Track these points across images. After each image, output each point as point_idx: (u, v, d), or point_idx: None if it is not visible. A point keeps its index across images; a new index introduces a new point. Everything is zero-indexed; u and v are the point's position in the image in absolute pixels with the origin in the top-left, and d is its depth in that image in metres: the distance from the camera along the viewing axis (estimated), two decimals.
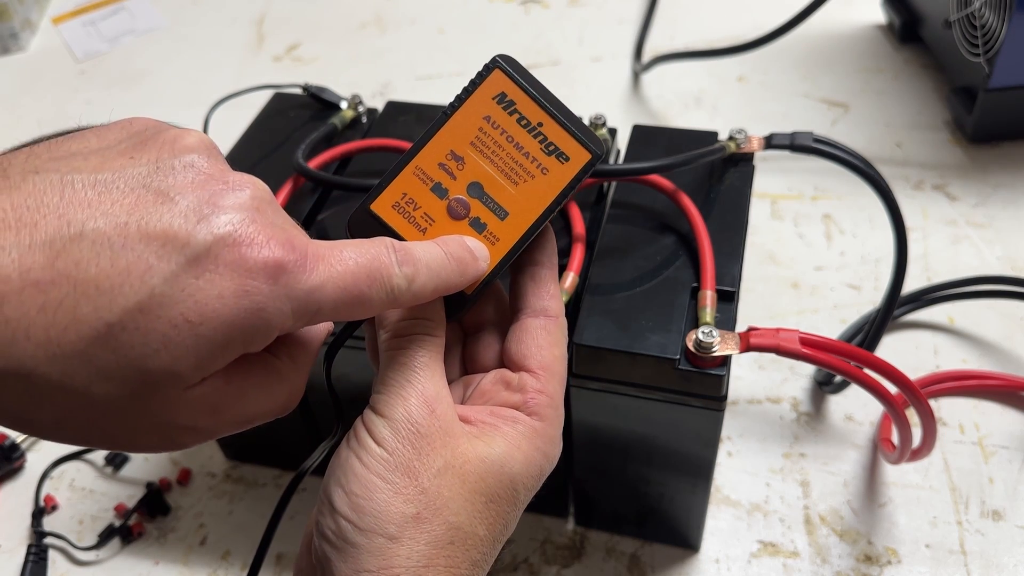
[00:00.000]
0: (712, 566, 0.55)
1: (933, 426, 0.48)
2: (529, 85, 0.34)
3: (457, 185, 0.34)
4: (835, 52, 0.93)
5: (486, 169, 0.34)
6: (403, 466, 0.30)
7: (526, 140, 0.34)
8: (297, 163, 0.52)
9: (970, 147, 0.81)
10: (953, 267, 0.71)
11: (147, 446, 0.28)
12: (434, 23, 1.05)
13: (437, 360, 0.33)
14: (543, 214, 0.34)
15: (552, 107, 0.34)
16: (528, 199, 0.34)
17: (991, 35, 0.73)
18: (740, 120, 0.83)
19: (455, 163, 0.34)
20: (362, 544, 0.29)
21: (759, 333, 0.43)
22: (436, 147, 0.34)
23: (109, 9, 1.12)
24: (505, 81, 0.34)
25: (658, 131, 0.56)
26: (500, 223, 0.34)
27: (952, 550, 0.54)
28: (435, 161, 0.34)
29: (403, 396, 0.31)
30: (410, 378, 0.32)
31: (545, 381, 0.34)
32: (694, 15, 1.01)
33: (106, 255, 0.24)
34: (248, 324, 0.26)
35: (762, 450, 0.60)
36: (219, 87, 0.89)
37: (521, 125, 0.34)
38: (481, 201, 0.34)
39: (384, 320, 0.33)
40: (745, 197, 0.51)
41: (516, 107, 0.34)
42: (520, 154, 0.34)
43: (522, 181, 0.34)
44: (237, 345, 0.26)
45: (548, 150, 0.34)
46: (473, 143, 0.34)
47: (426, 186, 0.34)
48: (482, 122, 0.34)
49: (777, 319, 0.68)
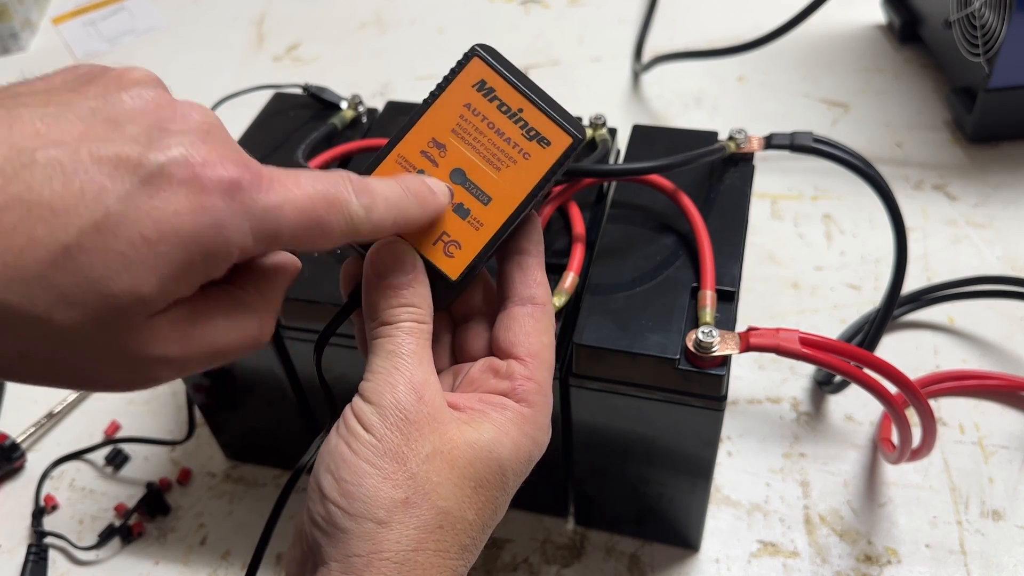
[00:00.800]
0: (712, 566, 0.55)
1: (933, 426, 0.48)
2: (508, 72, 0.34)
3: (439, 172, 0.34)
4: (835, 52, 0.93)
5: (468, 156, 0.34)
6: (392, 452, 0.30)
7: (507, 126, 0.34)
8: (297, 163, 0.52)
9: (970, 147, 0.81)
10: (953, 267, 0.71)
11: (117, 382, 0.27)
12: (434, 23, 1.05)
13: (425, 347, 0.33)
14: (526, 199, 0.34)
15: (532, 93, 0.34)
16: (511, 184, 0.34)
17: (991, 35, 0.73)
18: (740, 120, 0.83)
19: (437, 150, 0.34)
20: (351, 529, 0.30)
21: (759, 333, 0.43)
22: (417, 135, 0.34)
23: (109, 9, 1.12)
24: (484, 69, 0.34)
25: (658, 131, 0.56)
26: (484, 208, 0.34)
27: (952, 550, 0.54)
28: (417, 149, 0.34)
29: (391, 383, 0.32)
30: (398, 365, 0.32)
31: (533, 368, 0.34)
32: (694, 15, 1.01)
33: (59, 179, 0.24)
34: (207, 241, 0.26)
35: (762, 450, 0.60)
36: (219, 87, 0.89)
37: (502, 111, 0.34)
38: (464, 187, 0.34)
39: (373, 309, 0.33)
40: (745, 197, 0.51)
41: (496, 94, 0.34)
42: (502, 140, 0.34)
43: (504, 167, 0.34)
44: (198, 265, 0.26)
45: (529, 135, 0.34)
46: (454, 130, 0.34)
47: (409, 174, 0.34)
48: (463, 109, 0.34)
49: (777, 319, 0.68)
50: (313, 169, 0.31)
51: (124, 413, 0.67)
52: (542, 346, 0.35)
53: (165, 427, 0.65)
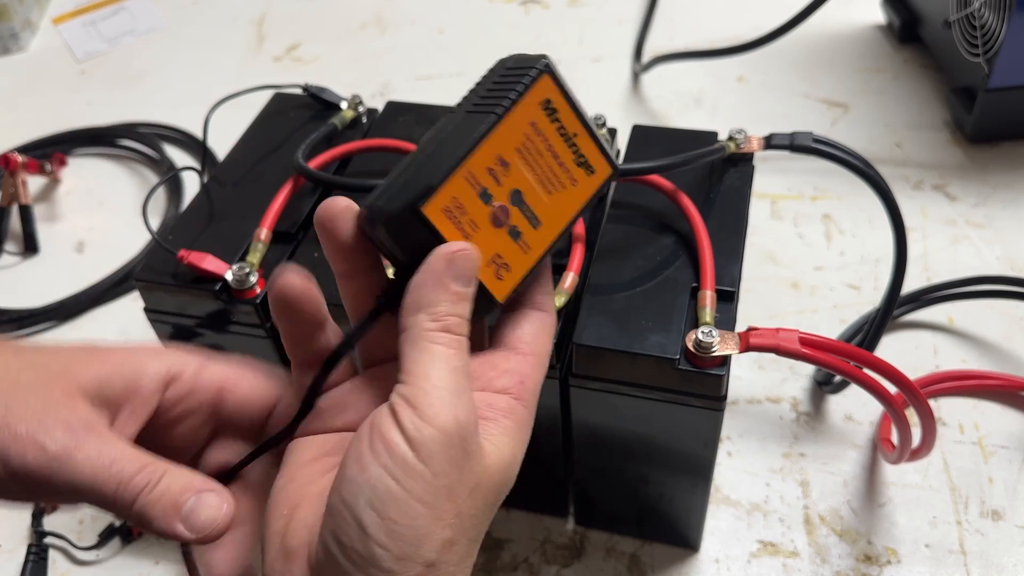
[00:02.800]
0: (712, 566, 0.55)
1: (933, 426, 0.48)
2: (570, 94, 0.34)
3: (501, 192, 0.33)
4: (835, 52, 0.93)
5: (527, 177, 0.33)
6: (447, 489, 0.28)
7: (563, 150, 0.34)
8: (297, 163, 0.52)
9: (970, 147, 0.81)
10: (953, 267, 0.71)
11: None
12: (434, 23, 1.05)
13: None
14: (568, 224, 0.34)
15: (585, 118, 0.34)
16: (559, 209, 0.34)
17: (991, 35, 0.73)
18: (740, 120, 0.83)
19: (502, 168, 0.33)
20: (397, 571, 0.27)
21: (759, 333, 0.43)
22: (487, 151, 0.32)
23: (109, 9, 1.12)
24: (552, 88, 0.33)
25: (658, 131, 0.56)
26: (533, 232, 0.34)
27: (952, 550, 0.54)
28: (485, 165, 0.32)
29: (453, 404, 0.28)
30: (461, 383, 0.29)
31: (533, 367, 0.33)
32: (694, 15, 1.01)
33: None
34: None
35: (762, 450, 0.60)
36: (219, 87, 0.89)
37: (560, 134, 0.33)
38: (520, 209, 0.33)
39: (432, 307, 0.30)
40: (745, 197, 0.51)
41: (558, 115, 0.33)
42: (556, 163, 0.34)
43: (555, 191, 0.34)
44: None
45: (579, 161, 0.34)
46: (519, 149, 0.33)
47: (475, 191, 0.32)
48: (528, 128, 0.33)
49: (777, 319, 0.68)
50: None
51: None
52: (544, 350, 0.34)
53: None
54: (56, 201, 0.87)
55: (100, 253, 0.80)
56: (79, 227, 0.84)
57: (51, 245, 0.82)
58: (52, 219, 0.85)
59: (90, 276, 0.77)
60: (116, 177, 0.89)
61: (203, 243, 0.51)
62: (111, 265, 0.78)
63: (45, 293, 0.76)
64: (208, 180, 0.56)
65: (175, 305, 0.51)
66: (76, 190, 0.88)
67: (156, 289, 0.50)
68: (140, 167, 0.89)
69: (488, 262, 0.33)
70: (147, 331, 0.54)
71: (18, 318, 0.74)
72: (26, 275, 0.80)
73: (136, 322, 0.72)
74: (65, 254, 0.81)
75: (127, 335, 0.72)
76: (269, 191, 0.53)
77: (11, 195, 0.82)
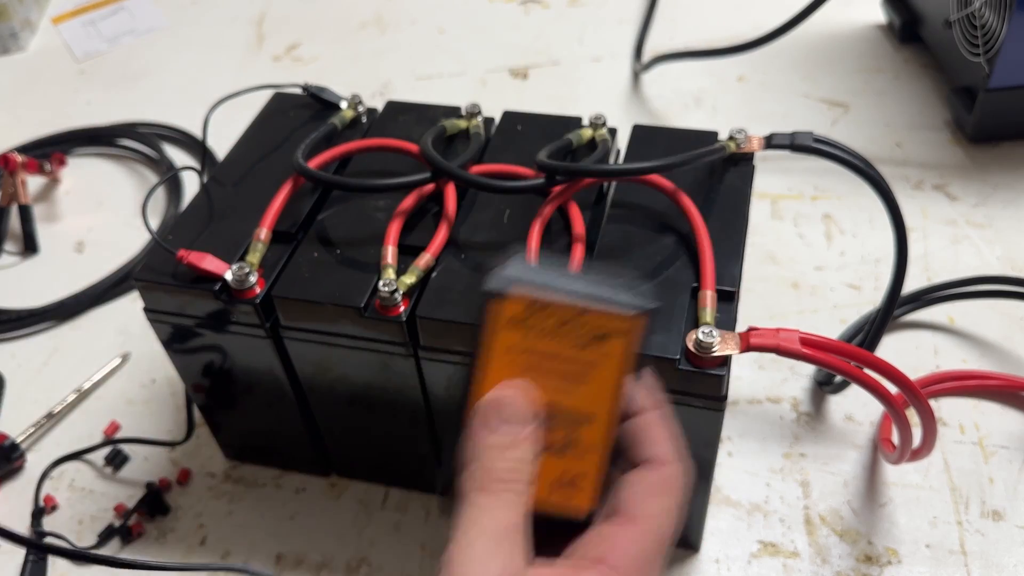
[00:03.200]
0: (712, 566, 0.55)
1: (933, 426, 0.48)
2: (539, 296, 0.31)
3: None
4: (835, 52, 0.93)
5: (541, 394, 0.32)
6: None
7: (561, 345, 0.32)
8: (297, 163, 0.52)
9: (970, 147, 0.81)
10: (953, 267, 0.71)
11: None
12: (434, 23, 1.05)
13: (525, 519, 0.30)
14: (616, 399, 0.32)
15: (570, 300, 0.31)
16: (596, 393, 0.32)
17: (991, 35, 0.73)
18: (740, 120, 0.83)
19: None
20: None
21: (759, 333, 0.43)
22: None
23: (109, 9, 1.12)
24: (513, 303, 0.31)
25: (658, 131, 0.56)
26: (582, 430, 0.32)
27: (952, 550, 0.54)
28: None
29: (483, 564, 0.28)
30: (501, 543, 0.28)
31: (637, 534, 0.30)
32: (694, 15, 1.01)
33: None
34: None
35: (762, 450, 0.60)
36: (219, 87, 0.89)
37: (550, 335, 0.31)
38: (551, 425, 0.32)
39: (487, 453, 0.30)
40: (745, 197, 0.51)
41: (538, 318, 0.31)
42: (560, 363, 0.32)
43: (580, 383, 0.32)
44: None
45: (583, 343, 0.32)
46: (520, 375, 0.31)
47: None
48: (512, 356, 0.31)
49: (777, 319, 0.68)
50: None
51: (124, 413, 0.66)
52: (657, 511, 0.31)
53: (165, 427, 0.65)
54: (56, 201, 0.87)
55: (100, 253, 0.80)
56: (79, 227, 0.84)
57: (51, 245, 0.82)
58: (52, 219, 0.85)
59: (90, 276, 0.77)
60: (116, 177, 0.89)
61: (203, 243, 0.51)
62: (111, 265, 0.78)
63: (45, 293, 0.76)
64: (208, 180, 0.56)
65: (175, 305, 0.51)
66: (76, 190, 0.88)
67: (156, 289, 0.50)
68: (140, 167, 0.89)
69: (550, 491, 0.32)
70: (147, 331, 0.54)
71: (18, 318, 0.74)
72: (26, 275, 0.80)
73: (136, 322, 0.72)
74: (65, 254, 0.81)
75: (127, 335, 0.72)
76: (269, 191, 0.53)
77: (11, 195, 0.82)
